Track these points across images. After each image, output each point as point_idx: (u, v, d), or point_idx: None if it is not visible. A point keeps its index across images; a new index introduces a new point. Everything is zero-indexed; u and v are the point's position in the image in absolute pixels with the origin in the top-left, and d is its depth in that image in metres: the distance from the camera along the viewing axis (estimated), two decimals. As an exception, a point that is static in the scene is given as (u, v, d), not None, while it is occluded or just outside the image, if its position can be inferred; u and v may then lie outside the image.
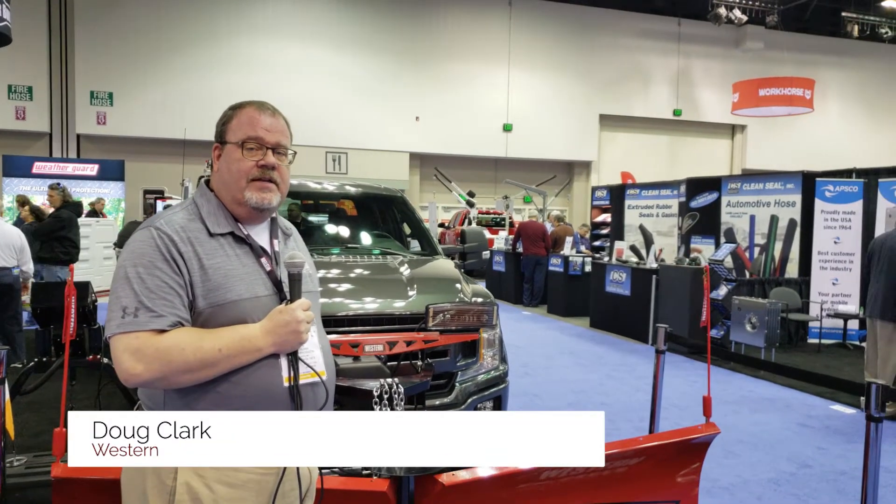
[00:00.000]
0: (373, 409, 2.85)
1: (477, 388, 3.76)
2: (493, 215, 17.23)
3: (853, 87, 22.61)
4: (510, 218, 16.49)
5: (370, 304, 3.47)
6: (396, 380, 2.92)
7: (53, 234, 7.23)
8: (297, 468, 1.58)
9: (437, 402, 3.57)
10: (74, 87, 17.20)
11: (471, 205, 15.22)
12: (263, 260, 1.61)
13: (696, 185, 10.38)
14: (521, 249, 11.88)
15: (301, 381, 1.54)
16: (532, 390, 6.19)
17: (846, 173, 8.74)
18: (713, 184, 10.06)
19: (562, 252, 10.97)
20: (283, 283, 1.60)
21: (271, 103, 1.68)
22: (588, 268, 10.24)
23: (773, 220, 9.01)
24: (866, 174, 8.49)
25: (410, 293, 3.61)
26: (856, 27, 19.69)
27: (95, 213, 12.79)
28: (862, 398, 5.67)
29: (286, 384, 1.52)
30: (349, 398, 3.06)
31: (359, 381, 2.95)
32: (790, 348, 8.15)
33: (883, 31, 19.86)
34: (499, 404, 3.91)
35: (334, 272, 3.74)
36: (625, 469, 2.57)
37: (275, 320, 1.50)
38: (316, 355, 1.61)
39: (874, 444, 2.39)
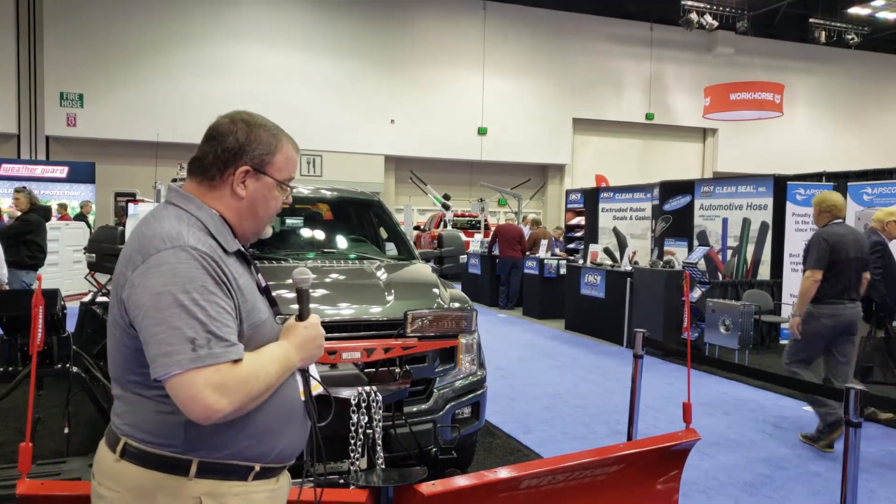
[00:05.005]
0: (350, 417, 2.82)
1: (455, 394, 3.72)
2: (468, 218, 17.23)
3: (821, 92, 23.06)
4: (485, 220, 16.50)
5: (347, 310, 3.42)
6: (374, 388, 2.89)
7: (20, 237, 7.05)
8: (314, 483, 1.62)
9: (415, 408, 3.53)
10: (43, 89, 16.85)
11: (446, 207, 15.22)
12: (260, 276, 1.58)
13: (670, 189, 10.48)
14: (497, 252, 11.90)
15: (315, 393, 1.56)
16: (508, 393, 6.18)
17: (816, 177, 8.89)
18: (686, 187, 10.17)
19: (537, 255, 11.00)
20: (274, 299, 1.59)
21: (246, 107, 1.62)
22: (563, 270, 10.28)
23: (746, 222, 9.13)
24: (836, 177, 8.65)
25: (388, 299, 3.57)
26: (823, 33, 20.08)
27: (83, 216, 12.79)
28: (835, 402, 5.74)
29: (302, 398, 1.52)
30: (326, 406, 3.02)
31: (336, 390, 2.91)
32: (763, 350, 8.26)
33: (849, 37, 20.28)
34: (477, 410, 3.88)
35: (322, 290, 3.68)
36: (605, 477, 2.56)
37: (302, 336, 1.48)
38: (314, 369, 1.60)
39: (853, 449, 2.40)
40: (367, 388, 2.82)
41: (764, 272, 8.94)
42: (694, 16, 18.89)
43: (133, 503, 1.38)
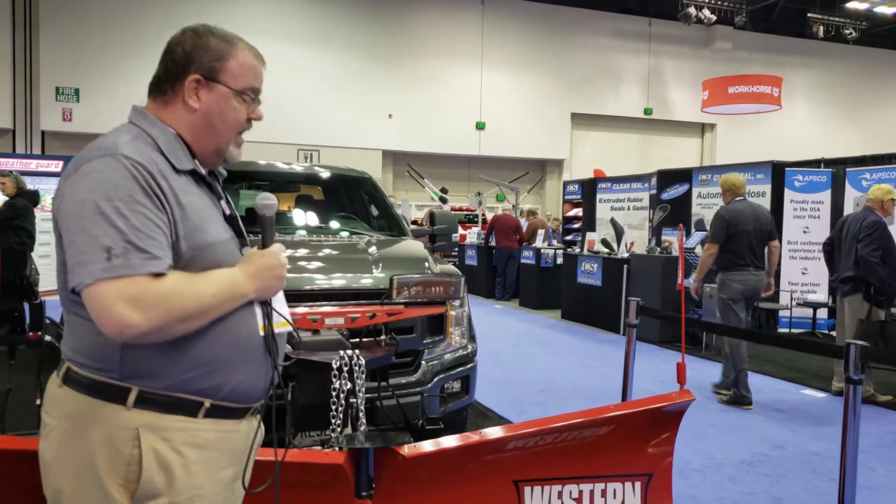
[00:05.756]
0: (332, 382, 2.72)
1: (444, 366, 3.63)
2: (465, 212, 17.14)
3: (819, 87, 22.97)
4: (483, 214, 16.41)
5: (333, 281, 3.33)
6: (357, 351, 2.79)
7: (7, 222, 6.95)
8: (274, 427, 1.48)
9: (403, 380, 3.44)
10: (39, 83, 16.74)
11: (444, 201, 15.12)
12: (223, 203, 1.48)
13: (667, 178, 10.39)
14: (493, 243, 11.80)
15: (277, 332, 1.44)
16: (502, 378, 6.09)
17: (815, 163, 8.80)
18: (684, 175, 10.08)
19: (534, 244, 10.91)
20: (241, 229, 1.49)
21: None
22: (560, 260, 10.19)
23: (744, 210, 9.02)
24: (834, 164, 8.57)
25: (376, 270, 3.48)
26: (821, 28, 19.99)
27: None
28: (833, 381, 5.67)
29: (261, 334, 1.40)
30: (307, 371, 2.92)
31: (317, 354, 2.81)
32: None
33: (847, 31, 20.20)
34: (466, 384, 3.79)
35: (298, 251, 3.59)
36: (593, 439, 2.46)
37: (259, 264, 1.37)
38: (284, 305, 1.49)
39: (853, 406, 2.31)
40: (350, 353, 2.72)
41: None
42: (692, 10, 18.80)
43: (71, 430, 1.29)
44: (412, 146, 19.38)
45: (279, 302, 1.47)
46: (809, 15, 19.87)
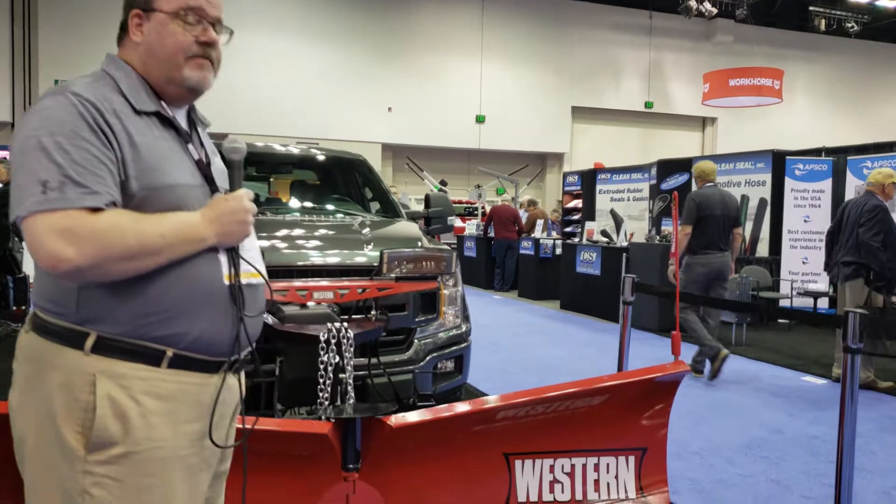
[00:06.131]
0: (319, 355, 2.66)
1: (437, 345, 3.57)
2: (465, 205, 17.07)
3: (821, 81, 22.86)
4: (483, 207, 16.34)
5: (323, 258, 3.27)
6: (345, 324, 2.73)
7: (3, 208, 6.89)
8: (240, 382, 1.42)
9: (395, 357, 3.38)
10: (38, 76, 16.68)
11: (443, 193, 15.03)
12: (191, 147, 1.42)
13: (667, 167, 10.32)
14: (492, 234, 11.74)
15: (244, 282, 1.37)
16: (500, 366, 6.03)
17: (816, 152, 8.72)
18: (684, 165, 10.00)
19: (533, 235, 10.85)
20: (212, 175, 1.43)
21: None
22: (559, 250, 10.12)
23: (744, 199, 8.95)
24: (835, 153, 8.49)
25: (367, 248, 3.43)
26: (823, 21, 19.87)
27: None
28: (833, 368, 5.61)
29: (226, 282, 1.34)
30: (295, 345, 2.86)
31: (305, 328, 2.75)
32: (760, 327, 8.09)
33: (849, 25, 20.08)
34: (460, 364, 3.73)
35: (289, 230, 3.53)
36: (585, 410, 2.40)
37: (220, 208, 1.32)
38: (255, 255, 1.44)
39: (850, 375, 2.25)
40: (338, 325, 2.66)
41: (762, 249, 8.78)
42: (693, 3, 18.66)
43: (32, 375, 1.26)
44: (412, 139, 19.29)
45: (250, 252, 1.42)
46: (811, 8, 19.75)
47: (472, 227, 13.20)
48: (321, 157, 4.93)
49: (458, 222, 15.37)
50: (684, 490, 3.30)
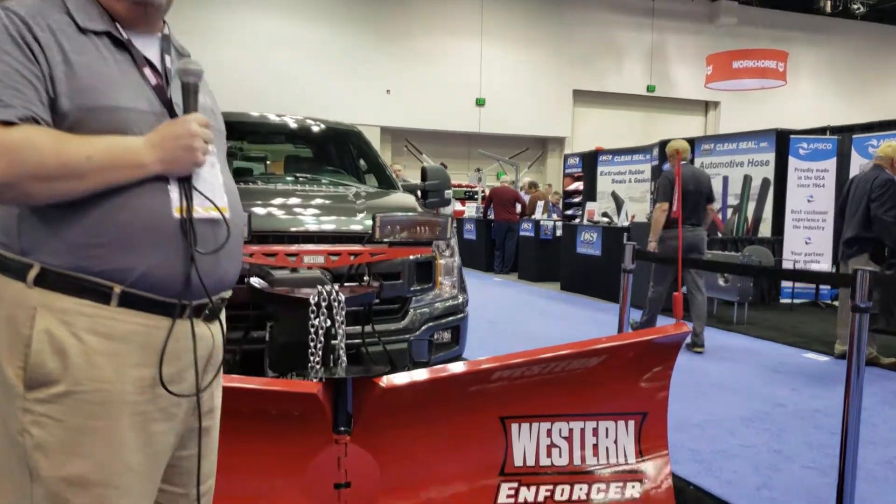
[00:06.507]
0: (309, 318, 2.58)
1: (432, 315, 3.50)
2: (464, 188, 16.97)
3: (825, 64, 22.64)
4: (483, 191, 16.23)
5: (316, 224, 3.19)
6: (336, 286, 2.65)
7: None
8: (192, 325, 1.29)
9: (391, 326, 3.32)
10: None
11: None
12: (147, 71, 1.31)
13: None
14: (492, 216, 11.64)
15: (197, 215, 1.27)
16: (497, 343, 5.96)
17: (820, 131, 8.61)
18: (686, 146, 9.88)
19: (533, 216, 10.76)
20: (175, 104, 1.33)
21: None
22: (559, 232, 10.03)
23: (747, 179, 8.86)
24: (840, 131, 8.37)
25: (360, 216, 3.35)
26: (829, 3, 19.65)
27: None
28: (836, 345, 5.54)
29: (177, 216, 1.24)
30: (283, 308, 2.79)
31: (295, 290, 2.68)
32: (762, 308, 8.02)
33: (855, 6, 19.85)
34: (457, 335, 3.67)
35: (281, 198, 3.45)
36: (583, 372, 2.33)
37: (163, 132, 1.23)
38: (216, 189, 1.33)
39: (858, 335, 2.18)
40: (328, 288, 2.58)
41: (765, 230, 8.68)
42: (696, -16, 18.48)
43: None
44: (411, 123, 19.14)
45: (210, 184, 1.31)
46: (817, -11, 19.54)
47: (471, 209, 13.11)
48: (315, 128, 4.84)
49: (457, 206, 15.28)
50: (684, 460, 3.24)
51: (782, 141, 8.47)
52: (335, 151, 4.94)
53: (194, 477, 1.44)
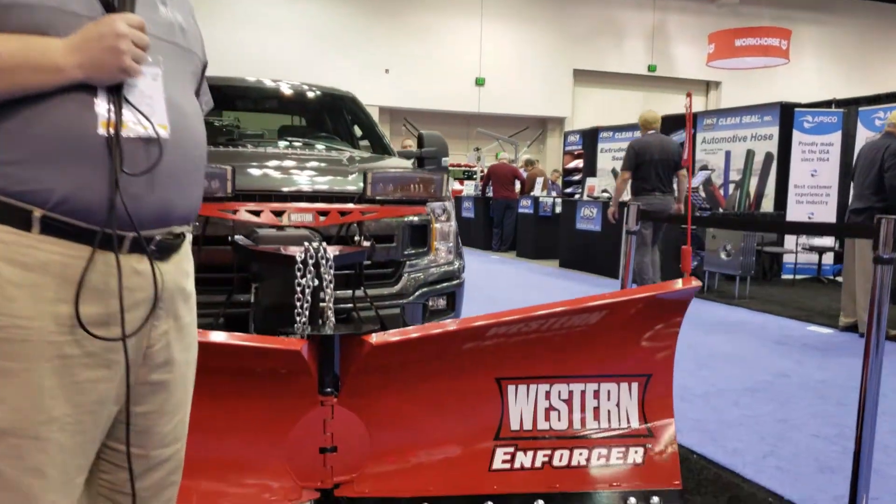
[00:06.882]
0: (296, 276, 2.45)
1: (427, 280, 3.37)
2: (463, 168, 16.81)
3: (829, 44, 22.37)
4: (482, 171, 16.07)
5: (304, 184, 3.06)
6: (324, 243, 2.52)
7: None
8: (117, 258, 1.11)
9: (384, 291, 3.19)
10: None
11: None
12: None
13: (671, 124, 10.00)
14: (490, 194, 11.49)
15: (127, 132, 1.10)
16: (496, 316, 5.85)
17: (826, 104, 8.45)
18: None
19: (532, 193, 10.61)
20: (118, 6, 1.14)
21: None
22: (559, 209, 9.89)
23: (749, 154, 8.70)
24: (846, 104, 8.21)
25: (352, 177, 3.22)
26: (832, -20, 19.36)
27: None
28: (840, 317, 5.43)
29: (103, 131, 1.09)
30: (268, 267, 2.66)
31: (281, 248, 2.55)
32: (764, 283, 7.90)
33: (859, -16, 19.56)
34: (452, 301, 3.54)
35: (270, 161, 3.31)
36: (584, 330, 2.20)
37: (85, 33, 1.07)
38: (156, 104, 1.16)
39: (881, 291, 2.05)
40: (316, 244, 2.44)
41: (767, 205, 8.54)
42: (699, -39, 18.19)
43: None
44: (410, 103, 18.92)
45: (147, 98, 1.15)
46: (820, -33, 19.23)
47: (470, 188, 12.96)
48: (307, 94, 4.68)
49: (455, 185, 15.11)
50: (688, 430, 3.13)
51: (786, 115, 8.31)
52: (329, 117, 4.79)
53: (156, 438, 1.30)
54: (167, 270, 1.24)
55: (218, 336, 1.97)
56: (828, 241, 7.93)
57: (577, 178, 12.70)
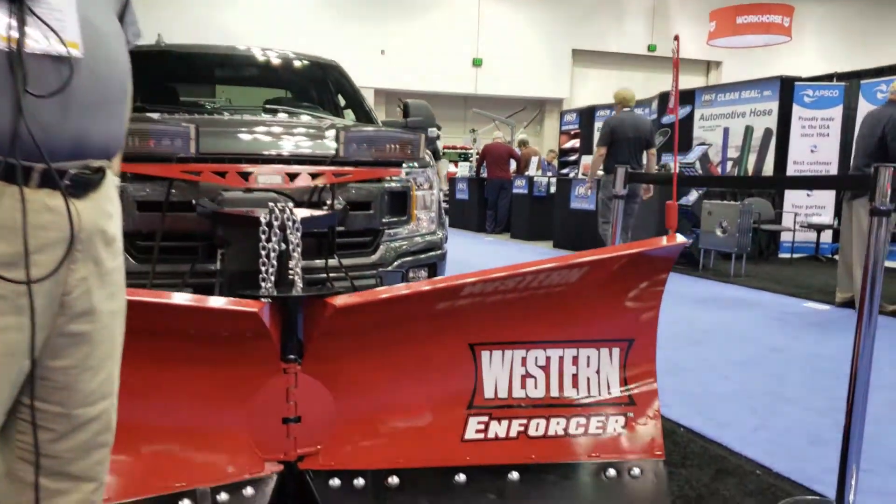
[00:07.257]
0: (260, 239, 2.33)
1: (408, 250, 3.25)
2: (459, 150, 16.65)
3: (831, 21, 22.09)
4: (477, 153, 15.91)
5: (275, 148, 2.92)
6: (290, 203, 2.39)
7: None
8: (21, 191, 0.99)
9: (361, 261, 3.06)
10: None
11: (437, 137, 14.57)
12: None
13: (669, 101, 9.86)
14: (485, 174, 11.34)
15: (31, 49, 0.98)
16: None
17: (827, 77, 8.28)
18: (686, 97, 9.53)
19: (527, 173, 10.47)
20: None
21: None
22: (553, 188, 9.75)
23: (748, 130, 8.55)
24: (848, 77, 8.04)
25: (327, 141, 3.07)
26: (835, -42, 19.06)
27: None
28: (837, 293, 5.31)
29: (3, 45, 0.96)
30: (231, 229, 2.53)
31: (245, 210, 2.42)
32: (761, 262, 7.78)
33: (862, -39, 19.27)
34: (433, 272, 3.41)
35: (244, 126, 3.16)
36: (563, 291, 2.08)
37: None
38: (67, 19, 1.03)
39: (876, 242, 1.93)
40: (281, 205, 2.31)
41: (766, 183, 8.40)
42: (700, -62, 17.90)
43: None
44: (406, 84, 18.70)
45: (56, 12, 1.02)
46: (823, -56, 18.93)
47: (464, 169, 12.80)
48: (289, 62, 4.53)
49: (450, 167, 14.95)
50: (675, 403, 3.02)
51: (786, 89, 8.14)
52: (311, 86, 4.64)
53: (79, 395, 1.18)
54: (84, 209, 1.11)
55: (172, 297, 1.85)
56: (826, 218, 7.80)
57: (573, 158, 12.54)
